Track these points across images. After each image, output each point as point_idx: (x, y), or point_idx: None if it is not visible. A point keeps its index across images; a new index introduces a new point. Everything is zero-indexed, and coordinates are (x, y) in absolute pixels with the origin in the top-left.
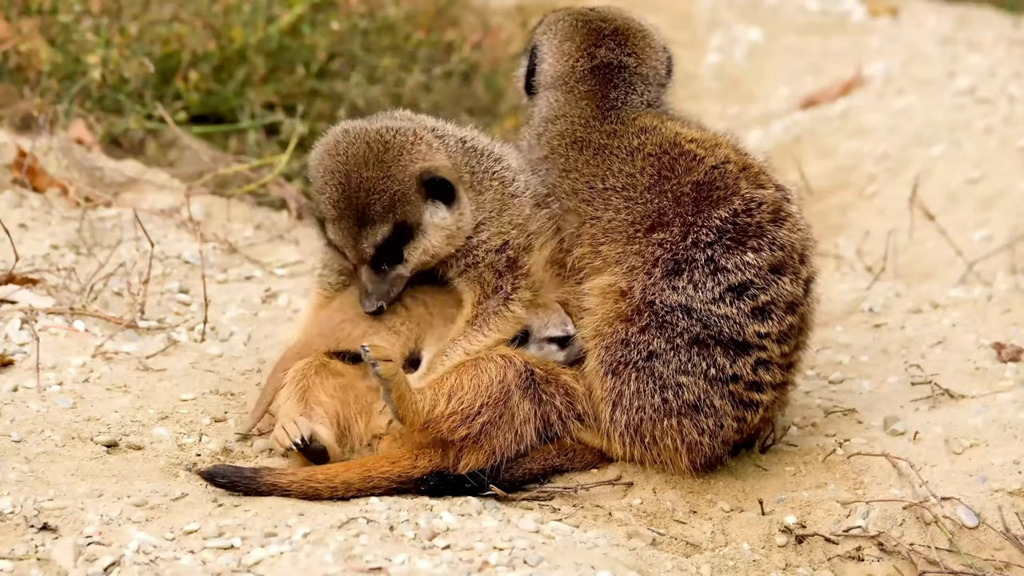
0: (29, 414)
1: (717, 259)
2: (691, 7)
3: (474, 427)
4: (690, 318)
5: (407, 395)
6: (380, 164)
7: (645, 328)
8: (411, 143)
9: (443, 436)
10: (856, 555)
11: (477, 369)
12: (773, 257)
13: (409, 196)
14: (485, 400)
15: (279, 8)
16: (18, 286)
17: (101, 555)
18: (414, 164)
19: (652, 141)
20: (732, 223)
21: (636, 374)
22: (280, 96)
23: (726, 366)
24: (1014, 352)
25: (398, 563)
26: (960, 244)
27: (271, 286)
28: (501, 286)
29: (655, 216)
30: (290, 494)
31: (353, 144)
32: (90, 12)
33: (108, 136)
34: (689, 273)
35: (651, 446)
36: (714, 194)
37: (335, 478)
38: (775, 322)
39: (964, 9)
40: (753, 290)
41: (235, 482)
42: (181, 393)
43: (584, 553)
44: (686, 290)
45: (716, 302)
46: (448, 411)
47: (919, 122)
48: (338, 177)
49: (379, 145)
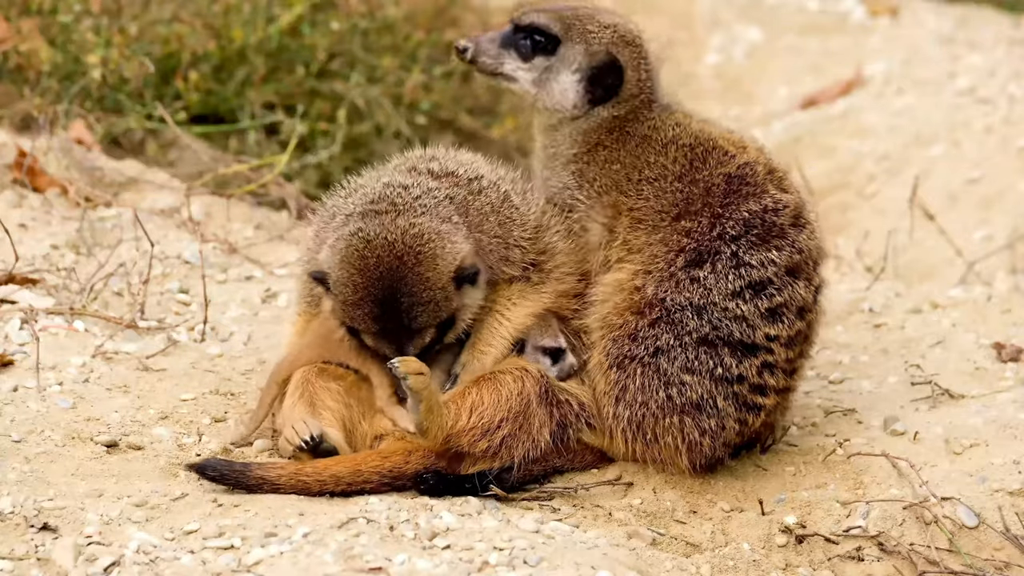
0: (29, 414)
1: (741, 254)
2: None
3: (495, 440)
4: (700, 318)
5: (436, 409)
6: (417, 279)
7: (655, 323)
8: (440, 246)
9: (464, 449)
10: (856, 555)
11: (496, 383)
12: (791, 260)
13: (448, 295)
14: (505, 414)
15: (279, 8)
16: (18, 286)
17: (101, 555)
18: (448, 267)
19: (686, 133)
20: (760, 218)
21: (641, 369)
22: (280, 96)
23: (732, 366)
24: (1014, 352)
25: (398, 563)
26: (960, 244)
27: (271, 286)
28: (529, 277)
29: (683, 205)
30: (279, 487)
31: (383, 260)
32: (90, 12)
33: (108, 136)
34: (711, 264)
35: (652, 443)
36: (744, 189)
37: (324, 472)
38: (785, 325)
39: (964, 9)
40: (770, 289)
41: (225, 475)
42: (181, 393)
43: (584, 553)
44: (706, 281)
45: (734, 297)
46: (469, 426)
47: (919, 122)
48: (375, 295)
49: (411, 258)
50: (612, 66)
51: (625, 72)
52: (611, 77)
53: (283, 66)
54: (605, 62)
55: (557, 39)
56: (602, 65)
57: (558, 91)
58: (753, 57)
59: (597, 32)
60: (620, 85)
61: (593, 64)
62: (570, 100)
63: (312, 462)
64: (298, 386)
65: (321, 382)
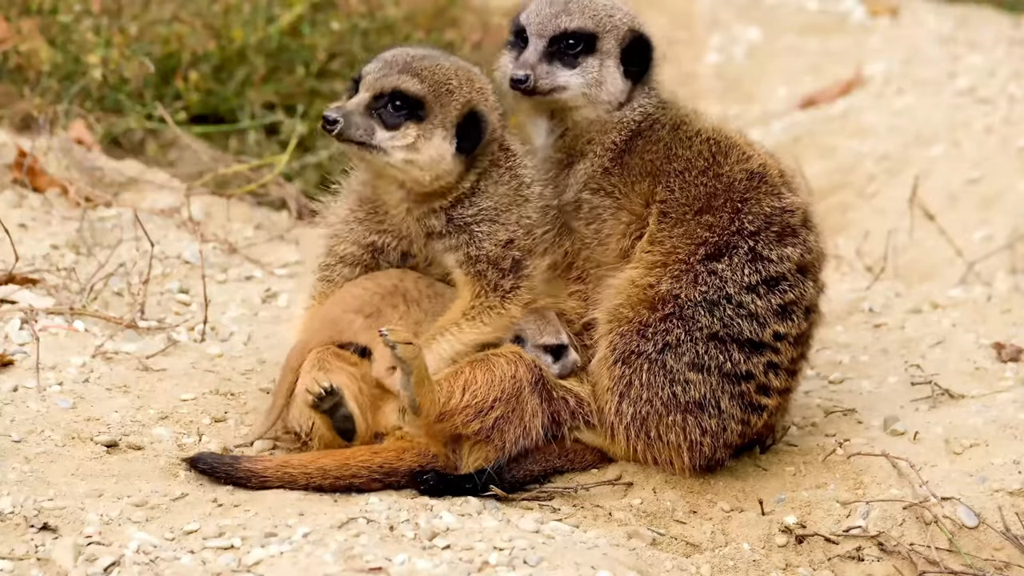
0: (29, 414)
1: (759, 248)
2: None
3: (487, 421)
4: (712, 314)
5: (427, 381)
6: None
7: (667, 317)
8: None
9: (457, 429)
10: (856, 555)
11: (489, 363)
12: (803, 259)
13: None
14: (498, 395)
15: (279, 8)
16: (18, 286)
17: (101, 555)
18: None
19: (706, 128)
20: (779, 216)
21: (647, 365)
22: (280, 96)
23: (741, 361)
24: (1014, 352)
25: (398, 563)
26: (960, 244)
27: (271, 286)
28: (502, 284)
29: (705, 199)
30: (267, 480)
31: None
32: (90, 12)
33: (108, 136)
34: (729, 258)
35: (655, 441)
36: (762, 186)
37: (310, 464)
38: (795, 324)
39: (964, 9)
40: (784, 285)
41: (215, 467)
42: (181, 393)
43: (584, 553)
44: (723, 274)
45: (749, 291)
46: (462, 404)
47: (919, 122)
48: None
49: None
50: (641, 41)
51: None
52: (643, 53)
53: (283, 66)
54: (635, 38)
55: (595, 36)
56: (633, 42)
57: (609, 81)
58: (753, 57)
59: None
60: (650, 65)
61: (622, 46)
62: (619, 87)
63: (299, 455)
64: (313, 364)
65: (337, 362)
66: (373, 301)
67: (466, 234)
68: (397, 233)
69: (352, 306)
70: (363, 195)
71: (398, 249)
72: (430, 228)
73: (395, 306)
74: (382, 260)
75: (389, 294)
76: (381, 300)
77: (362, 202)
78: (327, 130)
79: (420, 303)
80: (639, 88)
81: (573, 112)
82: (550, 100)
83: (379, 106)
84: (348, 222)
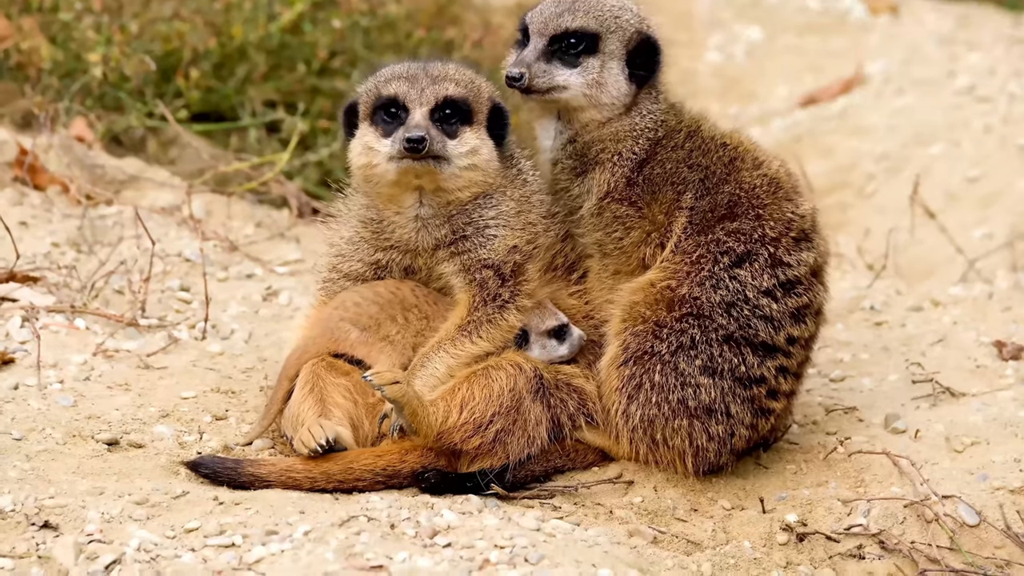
0: (30, 412)
1: (779, 254)
2: (691, 6)
3: (487, 436)
4: (729, 315)
5: (419, 410)
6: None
7: (683, 317)
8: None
9: (457, 446)
10: (857, 553)
11: (488, 378)
12: (815, 262)
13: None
14: (497, 409)
15: (280, 6)
16: (19, 284)
17: (102, 553)
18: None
19: (719, 134)
20: (798, 219)
21: (660, 367)
22: (281, 94)
23: (755, 365)
24: (1015, 350)
25: (399, 561)
26: (960, 242)
27: (272, 284)
28: (501, 294)
29: (728, 207)
30: (270, 484)
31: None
32: (91, 10)
33: (109, 134)
34: (751, 264)
35: (660, 445)
36: (779, 192)
37: (314, 468)
38: (806, 327)
39: (964, 8)
40: (799, 289)
41: (218, 472)
42: (182, 391)
43: (585, 551)
44: (744, 279)
45: (767, 295)
46: (460, 422)
47: (919, 121)
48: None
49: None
50: (648, 44)
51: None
52: (650, 56)
53: (284, 64)
54: (641, 40)
55: (598, 36)
56: (639, 45)
57: (611, 83)
58: (753, 56)
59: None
60: (657, 69)
61: (628, 48)
62: (622, 90)
63: (303, 459)
64: (307, 381)
65: (331, 378)
66: (371, 312)
67: (481, 236)
68: (404, 247)
69: (348, 317)
70: (366, 217)
71: (402, 264)
72: (439, 239)
73: (393, 317)
74: (385, 277)
75: (388, 304)
76: (379, 311)
77: (366, 223)
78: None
79: (420, 307)
80: (645, 92)
81: (578, 114)
82: (552, 100)
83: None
84: (354, 242)
